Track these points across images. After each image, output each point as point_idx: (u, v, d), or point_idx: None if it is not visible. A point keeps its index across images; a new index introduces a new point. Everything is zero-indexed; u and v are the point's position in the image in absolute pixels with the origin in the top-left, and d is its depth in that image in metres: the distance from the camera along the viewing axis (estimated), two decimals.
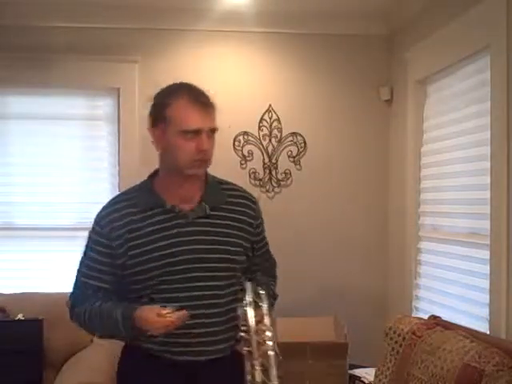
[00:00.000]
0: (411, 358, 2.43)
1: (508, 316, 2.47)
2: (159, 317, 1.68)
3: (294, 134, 3.87)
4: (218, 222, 1.85)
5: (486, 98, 2.67)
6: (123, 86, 3.77)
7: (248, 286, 1.76)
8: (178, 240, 1.79)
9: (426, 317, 2.83)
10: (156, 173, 1.95)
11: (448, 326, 2.54)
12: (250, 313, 1.70)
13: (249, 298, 1.72)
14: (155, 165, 3.76)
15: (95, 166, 3.84)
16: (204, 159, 1.82)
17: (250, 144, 3.85)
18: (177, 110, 1.79)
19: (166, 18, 3.71)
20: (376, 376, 2.69)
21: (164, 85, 4.17)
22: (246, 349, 1.68)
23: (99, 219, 1.89)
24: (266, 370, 1.63)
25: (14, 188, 3.76)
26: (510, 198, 2.48)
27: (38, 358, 3.17)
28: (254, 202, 1.98)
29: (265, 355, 1.64)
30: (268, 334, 1.67)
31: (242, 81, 3.87)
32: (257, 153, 3.85)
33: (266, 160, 3.86)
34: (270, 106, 3.85)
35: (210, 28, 3.73)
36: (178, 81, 1.90)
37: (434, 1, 3.25)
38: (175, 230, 1.80)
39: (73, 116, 3.79)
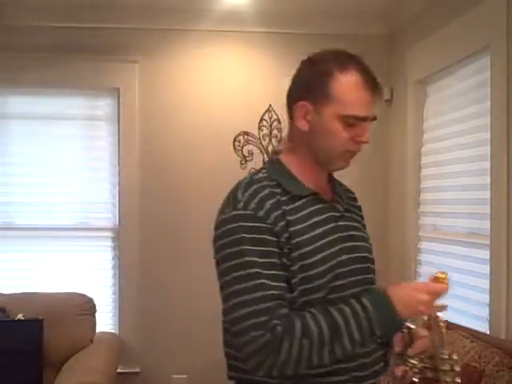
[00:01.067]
0: None
1: (508, 316, 2.47)
2: (433, 283, 1.36)
3: None
4: (356, 217, 1.59)
5: (486, 98, 2.67)
6: (123, 86, 3.77)
7: None
8: (339, 236, 1.45)
9: (426, 317, 2.82)
10: (276, 153, 1.58)
11: (448, 326, 2.53)
12: (435, 334, 1.40)
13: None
14: (155, 165, 3.80)
15: (95, 166, 3.83)
16: (356, 152, 1.47)
17: (249, 144, 3.85)
18: (346, 88, 1.43)
19: (166, 18, 3.71)
20: None
21: (164, 84, 4.16)
22: (415, 379, 1.38)
23: (254, 210, 1.38)
24: None
25: (13, 188, 3.76)
26: (510, 198, 2.48)
27: (38, 358, 3.17)
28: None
29: None
30: (455, 360, 1.37)
31: (242, 81, 3.87)
32: (257, 153, 3.85)
33: (266, 160, 3.86)
34: (270, 106, 3.85)
35: (210, 28, 3.73)
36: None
37: (433, 1, 3.25)
38: (332, 225, 1.45)
39: (73, 116, 3.80)
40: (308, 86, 1.48)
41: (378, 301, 1.33)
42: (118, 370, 3.38)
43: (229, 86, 3.84)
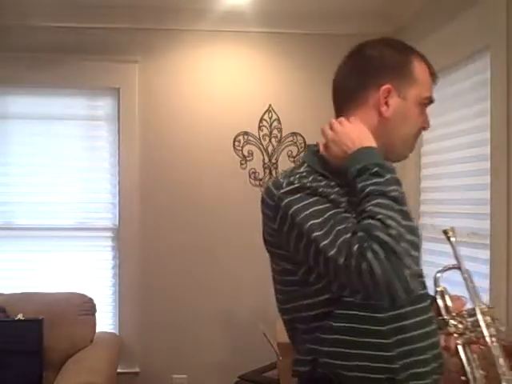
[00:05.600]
0: None
1: (508, 316, 2.47)
2: None
3: (294, 133, 3.87)
4: None
5: (486, 97, 2.66)
6: (123, 86, 3.78)
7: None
8: None
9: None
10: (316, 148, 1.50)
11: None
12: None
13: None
14: (155, 165, 3.80)
15: (95, 166, 3.84)
16: (417, 138, 1.49)
17: (250, 144, 3.85)
18: (423, 73, 1.43)
19: (166, 18, 3.71)
20: None
21: (164, 84, 4.15)
22: (459, 344, 1.35)
23: (312, 182, 1.33)
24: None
25: (13, 188, 3.76)
26: (510, 198, 2.48)
27: (38, 358, 3.17)
28: None
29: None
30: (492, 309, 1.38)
31: (241, 81, 3.87)
32: (257, 153, 3.85)
33: (266, 160, 3.86)
34: (270, 106, 3.85)
35: (210, 28, 3.73)
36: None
37: (434, 1, 3.25)
38: None
39: (73, 116, 3.80)
40: (393, 68, 1.40)
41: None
42: (118, 370, 3.38)
43: (229, 85, 3.84)
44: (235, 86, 3.86)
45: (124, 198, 3.77)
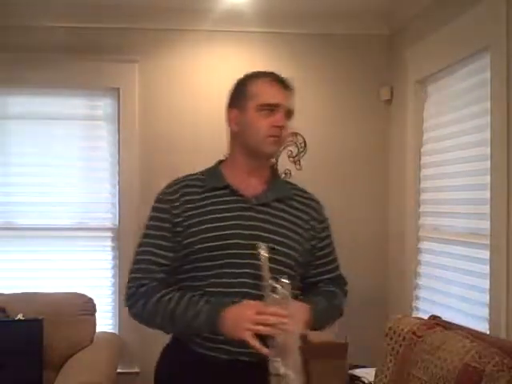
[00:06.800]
0: (411, 358, 2.43)
1: (508, 316, 2.47)
2: (258, 314, 1.62)
3: (294, 133, 3.86)
4: (279, 214, 1.82)
5: (486, 98, 2.67)
6: (123, 86, 3.78)
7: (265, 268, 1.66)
8: (236, 223, 1.76)
9: (426, 317, 2.83)
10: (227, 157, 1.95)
11: (448, 326, 2.53)
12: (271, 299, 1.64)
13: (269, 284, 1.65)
14: (155, 165, 3.80)
15: (95, 166, 3.84)
16: (277, 135, 1.81)
17: None
18: (257, 85, 1.85)
19: (166, 18, 3.71)
20: (376, 376, 2.69)
21: (164, 84, 4.16)
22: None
23: (164, 195, 1.88)
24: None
25: (13, 188, 3.76)
26: (510, 198, 2.48)
27: (38, 358, 3.17)
28: (320, 206, 1.98)
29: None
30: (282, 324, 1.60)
31: None
32: None
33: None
34: None
35: (210, 28, 3.73)
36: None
37: (433, 1, 3.25)
38: (236, 213, 1.78)
39: (73, 116, 3.80)
40: (231, 95, 1.91)
41: (213, 314, 1.68)
42: (118, 370, 3.38)
43: (229, 85, 3.83)
44: None
45: (124, 198, 3.77)
